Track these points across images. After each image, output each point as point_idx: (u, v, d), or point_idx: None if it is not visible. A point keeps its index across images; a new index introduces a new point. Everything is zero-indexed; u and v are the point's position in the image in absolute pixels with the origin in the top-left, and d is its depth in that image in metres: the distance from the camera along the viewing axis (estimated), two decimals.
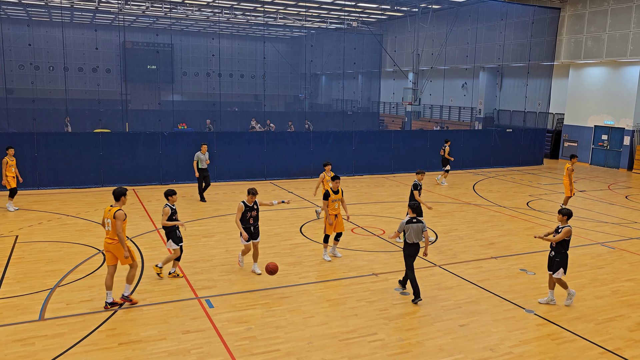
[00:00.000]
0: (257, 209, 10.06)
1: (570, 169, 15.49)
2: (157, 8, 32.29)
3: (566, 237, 8.76)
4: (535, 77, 28.17)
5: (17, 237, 12.26)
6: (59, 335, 7.53)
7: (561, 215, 8.84)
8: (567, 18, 27.19)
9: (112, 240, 8.27)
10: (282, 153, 20.76)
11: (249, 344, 7.45)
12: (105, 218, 8.33)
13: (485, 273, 10.64)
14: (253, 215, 10.06)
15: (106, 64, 39.93)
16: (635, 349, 7.64)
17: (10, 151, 15.05)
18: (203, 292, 9.27)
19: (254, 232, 10.07)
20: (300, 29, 41.53)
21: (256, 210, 10.06)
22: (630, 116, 25.28)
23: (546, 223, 14.73)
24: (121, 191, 8.53)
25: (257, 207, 10.06)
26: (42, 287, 9.28)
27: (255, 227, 10.08)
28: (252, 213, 10.02)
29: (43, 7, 32.46)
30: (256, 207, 10.05)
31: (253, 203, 10.02)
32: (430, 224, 14.33)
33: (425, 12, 32.47)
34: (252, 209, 10.01)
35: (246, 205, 9.95)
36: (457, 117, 36.50)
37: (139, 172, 18.72)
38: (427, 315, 8.58)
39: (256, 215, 10.10)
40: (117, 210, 8.23)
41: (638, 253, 12.29)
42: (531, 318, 8.57)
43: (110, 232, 8.24)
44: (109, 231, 8.27)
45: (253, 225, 10.04)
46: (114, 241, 8.24)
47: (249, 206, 9.98)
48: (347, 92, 39.50)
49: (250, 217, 10.01)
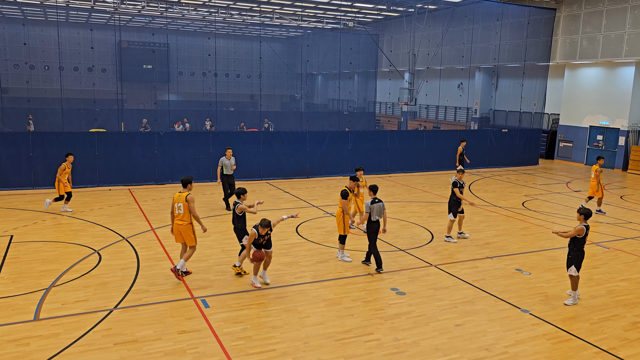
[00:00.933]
0: (268, 233, 9.35)
1: (598, 171, 16.00)
2: (152, 7, 32.19)
3: (578, 234, 8.97)
4: (531, 78, 28.24)
5: (12, 236, 12.21)
6: (54, 336, 7.50)
7: (579, 214, 9.10)
8: (563, 19, 27.28)
9: (182, 222, 9.59)
10: (278, 153, 20.75)
11: (245, 344, 7.44)
12: (176, 202, 9.58)
13: (480, 273, 10.66)
14: (267, 238, 9.45)
15: (102, 63, 39.79)
16: (630, 349, 7.67)
17: (70, 158, 14.67)
18: (199, 292, 9.25)
19: (265, 243, 9.49)
20: (297, 29, 41.50)
21: (268, 234, 9.38)
22: (625, 116, 25.38)
23: (541, 223, 14.78)
24: (188, 179, 9.82)
25: (270, 231, 9.34)
26: (37, 287, 9.25)
27: (267, 240, 9.49)
28: (264, 238, 9.37)
29: (38, 6, 32.31)
30: (270, 232, 9.34)
31: (265, 233, 9.30)
32: (426, 224, 14.36)
33: (421, 13, 32.52)
34: (263, 236, 9.35)
35: (259, 233, 9.22)
36: (453, 118, 36.57)
37: (135, 171, 18.68)
38: (422, 315, 8.59)
39: (268, 239, 9.48)
40: (187, 194, 9.54)
41: (633, 253, 12.34)
42: (526, 318, 8.59)
43: (181, 214, 9.54)
44: (179, 214, 9.56)
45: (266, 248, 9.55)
46: (184, 222, 9.57)
47: (261, 235, 9.26)
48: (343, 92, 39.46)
49: (262, 242, 9.38)
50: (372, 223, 10.48)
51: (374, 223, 10.48)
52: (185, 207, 9.50)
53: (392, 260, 11.24)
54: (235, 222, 10.15)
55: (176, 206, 9.59)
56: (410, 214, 15.62)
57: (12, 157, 17.24)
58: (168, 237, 12.43)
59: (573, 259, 9.08)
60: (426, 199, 17.79)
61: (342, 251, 11.23)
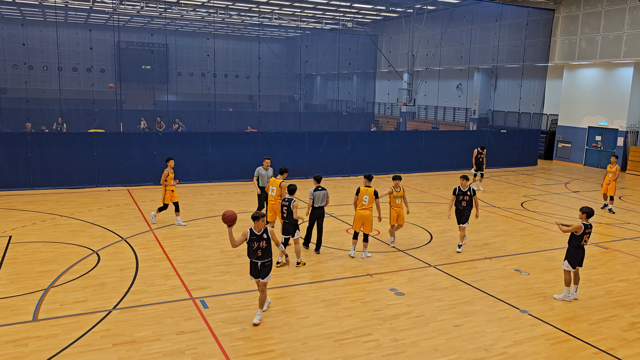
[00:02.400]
0: (266, 238, 8.00)
1: (619, 169, 16.65)
2: (151, 8, 32.19)
3: (575, 231, 9.07)
4: (530, 78, 28.26)
5: (11, 237, 12.19)
6: (52, 336, 7.49)
7: (581, 212, 9.21)
8: (561, 19, 27.31)
9: (275, 201, 11.58)
10: (276, 154, 20.72)
11: (244, 345, 7.44)
12: (271, 186, 11.70)
13: (479, 273, 10.66)
14: (262, 247, 8.00)
15: (100, 64, 39.76)
16: (629, 349, 7.68)
17: (170, 163, 13.52)
18: (197, 292, 9.25)
19: (261, 269, 8.07)
20: (295, 30, 41.52)
21: (266, 240, 8.00)
22: (623, 117, 25.41)
23: (540, 224, 14.79)
24: (284, 168, 11.92)
25: (267, 236, 8.01)
26: (36, 287, 9.24)
27: (264, 264, 8.06)
28: (260, 244, 7.98)
29: (37, 6, 32.29)
30: (266, 236, 8.00)
31: (262, 231, 7.99)
32: (425, 225, 14.37)
33: (420, 13, 32.55)
34: (260, 239, 7.98)
35: (252, 233, 7.97)
36: (452, 118, 36.59)
37: (133, 172, 18.65)
38: (421, 315, 8.59)
39: (266, 248, 8.02)
40: (281, 182, 11.53)
41: (631, 253, 12.36)
42: (525, 318, 8.60)
43: (274, 196, 11.54)
44: (272, 195, 11.59)
45: (260, 259, 8.04)
46: (277, 201, 11.42)
47: (256, 234, 7.98)
48: (342, 93, 39.49)
49: (257, 247, 7.98)
50: (315, 209, 11.33)
51: (318, 209, 11.34)
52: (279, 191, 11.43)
53: (391, 261, 11.25)
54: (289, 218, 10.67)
55: (270, 188, 11.68)
56: (409, 214, 15.61)
57: (11, 158, 17.21)
58: (167, 238, 12.44)
59: (567, 254, 9.27)
60: (425, 200, 17.80)
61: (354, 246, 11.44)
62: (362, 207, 11.12)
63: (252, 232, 7.97)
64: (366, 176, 11.52)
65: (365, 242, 11.38)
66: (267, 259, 8.11)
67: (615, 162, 16.70)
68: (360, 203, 11.16)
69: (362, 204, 11.12)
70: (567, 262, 9.26)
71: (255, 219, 7.93)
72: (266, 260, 8.10)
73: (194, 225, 13.75)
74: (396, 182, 11.83)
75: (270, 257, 8.19)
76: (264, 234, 8.01)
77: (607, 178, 16.61)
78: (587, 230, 9.15)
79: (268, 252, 8.09)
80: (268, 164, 13.89)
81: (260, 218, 7.95)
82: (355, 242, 11.42)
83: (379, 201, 11.25)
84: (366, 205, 11.10)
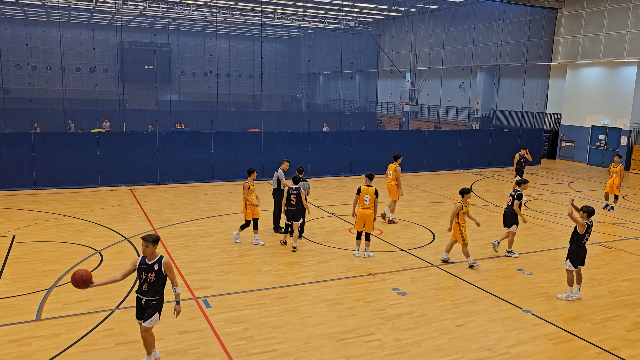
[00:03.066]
0: (157, 271, 6.33)
1: (622, 169, 16.62)
2: (154, 8, 32.23)
3: (579, 229, 9.09)
4: (533, 77, 28.21)
5: (14, 237, 12.23)
6: (55, 336, 7.51)
7: (582, 211, 9.21)
8: (565, 18, 27.24)
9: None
10: (279, 153, 20.70)
11: (246, 344, 7.44)
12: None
13: (482, 273, 10.65)
14: (150, 280, 6.32)
15: (103, 63, 39.88)
16: (632, 349, 7.65)
17: (253, 175, 12.10)
18: (200, 292, 9.26)
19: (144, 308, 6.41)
20: (298, 29, 41.53)
21: (155, 273, 6.33)
22: (627, 116, 25.33)
23: (543, 223, 14.76)
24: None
25: (158, 268, 6.34)
26: (39, 287, 9.26)
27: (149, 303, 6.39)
28: (148, 276, 6.31)
29: (40, 6, 32.37)
30: (157, 268, 6.33)
31: (154, 261, 6.33)
32: (428, 224, 14.35)
33: (423, 12, 32.51)
34: (149, 269, 6.32)
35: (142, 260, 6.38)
36: (455, 117, 36.55)
37: (136, 172, 18.69)
38: (424, 315, 8.58)
39: (155, 282, 6.34)
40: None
41: (635, 253, 12.32)
42: (528, 318, 8.58)
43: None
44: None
45: (145, 295, 6.38)
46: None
47: (146, 263, 6.34)
48: (345, 92, 39.53)
49: (144, 280, 6.34)
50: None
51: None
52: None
53: (394, 261, 11.24)
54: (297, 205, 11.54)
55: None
56: (412, 214, 15.61)
57: (14, 158, 17.26)
58: (169, 237, 12.45)
59: (569, 253, 9.26)
60: (427, 199, 17.77)
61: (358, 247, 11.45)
62: (364, 207, 11.11)
63: (143, 259, 6.39)
64: (367, 175, 11.50)
65: (368, 241, 11.38)
66: (154, 297, 6.37)
67: (618, 162, 16.65)
68: (361, 202, 11.16)
69: (364, 204, 11.12)
70: (569, 262, 9.25)
71: (144, 240, 6.29)
72: (153, 298, 6.37)
73: (197, 224, 13.77)
74: (467, 196, 10.81)
75: (160, 296, 6.44)
76: (155, 264, 6.35)
77: (612, 178, 16.54)
78: (589, 230, 9.14)
79: (157, 288, 6.38)
80: (287, 166, 13.27)
81: (150, 242, 6.27)
82: (358, 242, 11.42)
83: (377, 201, 11.21)
84: (367, 204, 11.10)
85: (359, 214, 11.14)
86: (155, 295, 6.42)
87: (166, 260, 6.40)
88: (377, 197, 11.17)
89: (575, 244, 9.20)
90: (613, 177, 16.53)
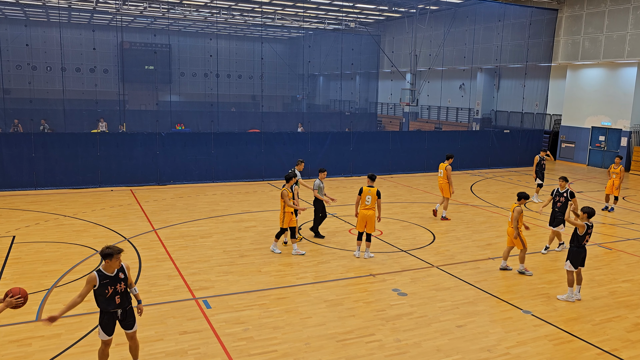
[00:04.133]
0: (124, 278, 6.19)
1: (623, 170, 16.67)
2: (154, 8, 32.26)
3: (579, 230, 9.11)
4: (533, 78, 28.22)
5: (14, 237, 12.23)
6: (55, 336, 7.51)
7: (582, 212, 9.22)
8: (565, 19, 27.25)
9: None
10: (279, 154, 20.74)
11: (247, 345, 7.44)
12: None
13: (482, 274, 10.64)
14: (120, 291, 6.17)
15: (104, 64, 39.86)
16: (633, 350, 7.65)
17: (292, 180, 11.67)
18: (200, 292, 9.25)
19: (123, 319, 6.31)
20: (298, 30, 41.56)
21: (123, 281, 6.20)
22: (627, 117, 25.34)
23: (543, 224, 14.75)
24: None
25: (124, 275, 6.20)
26: (39, 287, 9.26)
27: (126, 311, 6.31)
28: (117, 287, 6.12)
29: (40, 7, 32.38)
30: (123, 275, 6.18)
31: (117, 271, 6.12)
32: (428, 225, 14.35)
33: (423, 13, 32.53)
34: (116, 280, 6.11)
35: (103, 275, 6.05)
36: (455, 118, 36.56)
37: (137, 172, 18.69)
38: (424, 316, 8.58)
39: (126, 290, 6.27)
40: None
41: (635, 254, 12.32)
42: (528, 319, 8.58)
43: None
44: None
45: (120, 307, 6.24)
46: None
47: (108, 276, 6.07)
48: (345, 93, 39.55)
49: (114, 293, 6.11)
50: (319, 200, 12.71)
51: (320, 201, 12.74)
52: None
53: (394, 261, 11.24)
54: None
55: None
56: (412, 214, 15.61)
57: (15, 158, 17.26)
58: (170, 238, 12.45)
59: (569, 254, 9.27)
60: (428, 200, 17.77)
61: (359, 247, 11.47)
62: (365, 207, 11.12)
63: (103, 274, 6.05)
64: (369, 176, 11.50)
65: (368, 242, 11.38)
66: (128, 304, 6.32)
67: (619, 163, 16.64)
68: (363, 203, 11.16)
69: (365, 204, 11.12)
70: (569, 263, 9.25)
71: (107, 256, 5.99)
72: (128, 305, 6.31)
73: (197, 225, 13.77)
74: (523, 201, 10.51)
75: (131, 301, 6.39)
76: (120, 273, 6.16)
77: (612, 179, 16.54)
78: (589, 231, 9.15)
79: (127, 294, 6.31)
80: (302, 167, 13.29)
81: (114, 255, 6.02)
82: (359, 243, 11.42)
83: (380, 201, 11.25)
84: (369, 205, 11.10)
85: (360, 214, 11.15)
86: (129, 301, 6.35)
87: (126, 264, 6.29)
88: (380, 197, 11.17)
89: (575, 245, 9.21)
90: (613, 178, 16.54)
